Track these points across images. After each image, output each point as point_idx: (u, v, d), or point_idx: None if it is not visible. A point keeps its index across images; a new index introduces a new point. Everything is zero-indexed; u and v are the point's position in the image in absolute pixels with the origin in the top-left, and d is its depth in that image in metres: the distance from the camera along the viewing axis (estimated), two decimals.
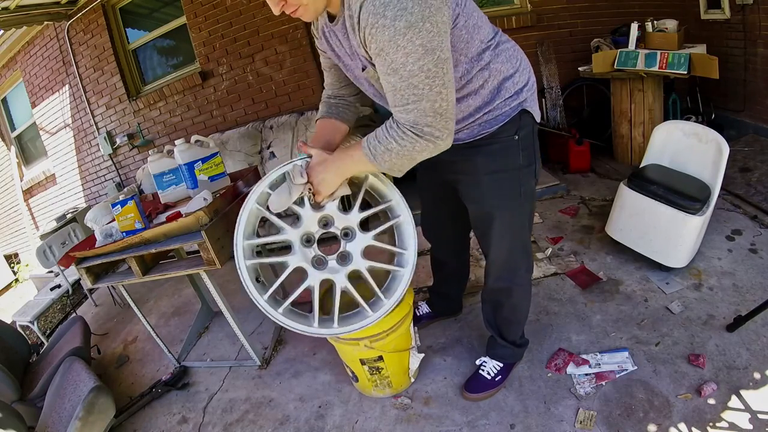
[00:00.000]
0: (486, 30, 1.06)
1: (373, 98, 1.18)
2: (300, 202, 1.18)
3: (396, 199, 1.24)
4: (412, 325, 1.61)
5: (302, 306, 1.34)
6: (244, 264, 1.22)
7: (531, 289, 1.51)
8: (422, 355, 1.69)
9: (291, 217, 1.24)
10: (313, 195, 1.15)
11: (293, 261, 1.24)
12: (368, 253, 1.27)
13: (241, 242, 1.21)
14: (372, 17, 0.83)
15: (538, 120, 1.21)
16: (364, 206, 1.25)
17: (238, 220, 1.21)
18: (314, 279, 1.24)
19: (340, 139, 1.29)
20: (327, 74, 1.29)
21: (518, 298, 1.46)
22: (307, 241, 1.24)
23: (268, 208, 1.20)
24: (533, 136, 1.21)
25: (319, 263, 1.25)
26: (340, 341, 1.52)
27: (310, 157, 1.15)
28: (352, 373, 1.66)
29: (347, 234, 1.25)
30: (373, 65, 0.95)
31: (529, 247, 1.40)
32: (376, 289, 1.27)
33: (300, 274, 1.26)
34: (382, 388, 1.65)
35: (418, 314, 1.93)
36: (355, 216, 1.23)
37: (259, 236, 1.29)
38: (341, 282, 1.25)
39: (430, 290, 1.95)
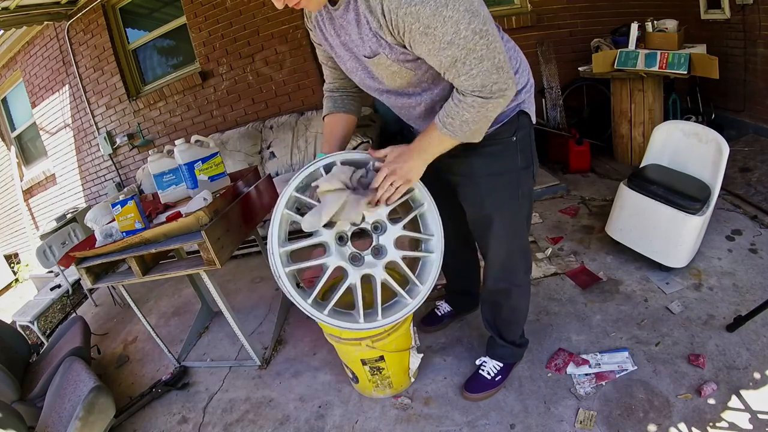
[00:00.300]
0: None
1: (368, 90, 1.15)
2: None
3: (418, 188, 1.24)
4: (411, 325, 1.62)
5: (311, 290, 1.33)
6: (284, 272, 1.17)
7: (530, 290, 1.51)
8: (422, 355, 1.69)
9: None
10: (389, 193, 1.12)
11: (332, 262, 1.21)
12: (399, 243, 1.27)
13: (276, 251, 1.16)
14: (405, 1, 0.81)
15: (535, 121, 1.22)
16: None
17: (270, 228, 1.16)
18: (354, 277, 1.22)
19: (348, 131, 1.28)
20: (325, 67, 1.27)
21: (517, 299, 1.46)
22: (340, 239, 1.22)
23: (298, 211, 1.18)
24: (530, 138, 1.22)
25: (355, 260, 1.24)
26: (342, 342, 1.52)
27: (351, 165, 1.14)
28: (353, 374, 1.66)
29: (377, 227, 1.25)
30: (391, 50, 0.93)
31: (527, 249, 1.41)
32: (412, 276, 1.27)
33: (336, 271, 1.24)
34: (382, 389, 1.65)
35: (439, 314, 1.92)
36: (383, 209, 1.22)
37: (289, 240, 1.25)
38: (380, 275, 1.23)
39: (446, 288, 1.95)
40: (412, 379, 1.70)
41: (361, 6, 0.90)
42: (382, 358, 1.52)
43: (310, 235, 1.19)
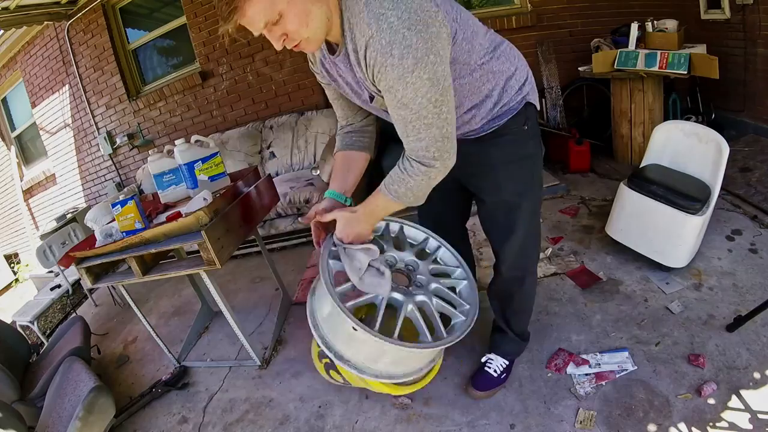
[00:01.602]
0: (482, 34, 1.08)
1: (385, 119, 1.18)
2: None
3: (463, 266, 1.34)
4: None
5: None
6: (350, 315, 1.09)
7: (537, 279, 1.56)
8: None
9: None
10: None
11: (385, 292, 1.17)
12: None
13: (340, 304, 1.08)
14: (380, 56, 0.85)
15: (538, 108, 1.27)
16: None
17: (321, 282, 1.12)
18: (409, 306, 1.19)
19: (360, 169, 1.30)
20: (336, 106, 1.28)
21: (529, 286, 1.49)
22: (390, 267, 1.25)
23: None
24: (538, 126, 1.29)
25: (407, 286, 1.25)
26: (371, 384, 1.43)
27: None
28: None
29: (412, 268, 1.30)
30: (382, 96, 0.98)
31: (539, 234, 1.44)
32: (441, 325, 1.22)
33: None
34: (335, 378, 1.64)
35: None
36: (405, 252, 1.31)
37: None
38: (408, 310, 1.19)
39: None
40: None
41: (351, 57, 0.95)
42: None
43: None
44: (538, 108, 1.27)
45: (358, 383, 1.49)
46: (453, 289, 1.31)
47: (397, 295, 1.17)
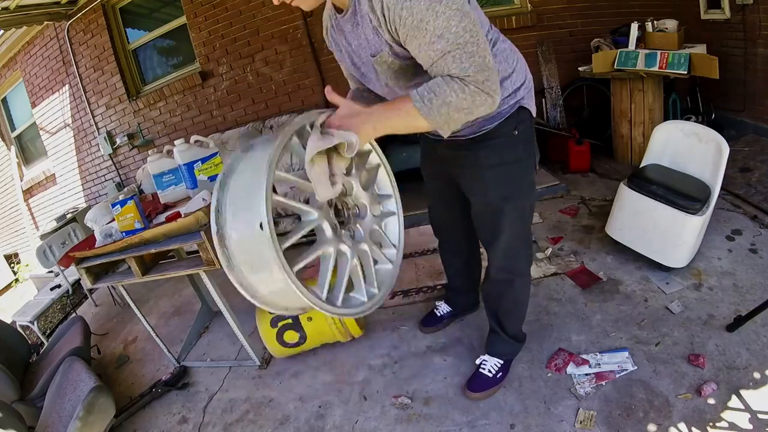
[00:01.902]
0: (485, 26, 1.08)
1: (382, 92, 1.16)
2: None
3: (396, 196, 1.19)
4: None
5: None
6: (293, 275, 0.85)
7: (530, 281, 1.54)
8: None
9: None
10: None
11: (332, 246, 1.00)
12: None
13: (277, 252, 0.82)
14: None
15: (535, 114, 1.27)
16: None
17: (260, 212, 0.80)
18: (353, 255, 1.04)
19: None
20: (351, 81, 1.27)
21: (519, 288, 1.48)
22: (337, 214, 1.07)
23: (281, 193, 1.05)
24: (531, 131, 1.28)
25: (348, 232, 1.07)
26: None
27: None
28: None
29: (357, 213, 1.11)
30: (391, 47, 0.95)
31: (529, 238, 1.44)
32: (372, 276, 1.11)
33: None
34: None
35: (438, 314, 1.93)
36: (365, 195, 1.10)
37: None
38: (353, 258, 1.04)
39: (447, 287, 1.96)
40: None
41: (364, 6, 0.93)
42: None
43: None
44: (534, 112, 1.26)
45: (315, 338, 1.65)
46: (379, 244, 1.15)
47: (345, 248, 1.00)
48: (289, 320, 1.78)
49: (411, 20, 0.86)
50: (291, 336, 1.81)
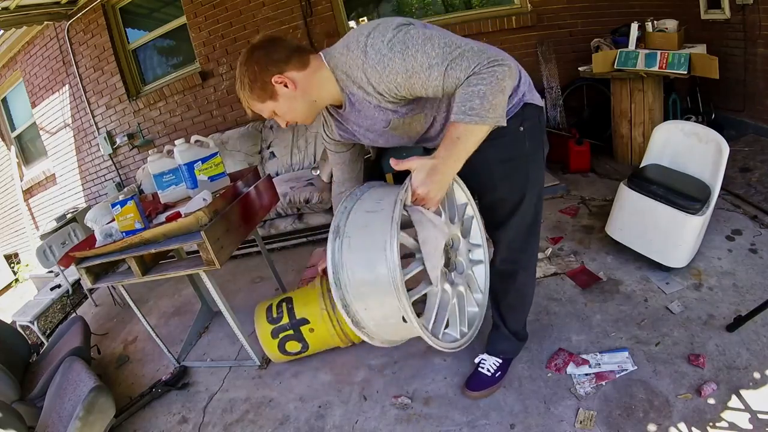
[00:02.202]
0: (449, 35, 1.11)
1: (410, 143, 1.29)
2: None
3: (485, 246, 1.31)
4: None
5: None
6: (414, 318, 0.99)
7: (535, 276, 1.54)
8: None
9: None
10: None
11: (439, 285, 1.11)
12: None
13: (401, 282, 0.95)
14: (378, 64, 0.98)
15: (541, 105, 1.29)
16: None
17: (389, 255, 0.93)
18: (453, 297, 1.19)
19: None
20: (336, 169, 1.44)
21: (522, 283, 1.48)
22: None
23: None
24: (538, 125, 1.29)
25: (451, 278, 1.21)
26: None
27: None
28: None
29: (452, 246, 1.26)
30: (396, 111, 1.09)
31: (536, 233, 1.44)
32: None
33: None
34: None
35: None
36: (463, 243, 1.24)
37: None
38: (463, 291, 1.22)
39: None
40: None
41: (357, 95, 1.08)
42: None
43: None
44: (540, 104, 1.28)
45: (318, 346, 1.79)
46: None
47: (447, 288, 1.12)
48: (291, 331, 1.78)
49: (402, 77, 0.98)
50: (293, 346, 1.81)
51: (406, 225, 1.02)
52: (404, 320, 0.95)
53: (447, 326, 1.20)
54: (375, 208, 1.03)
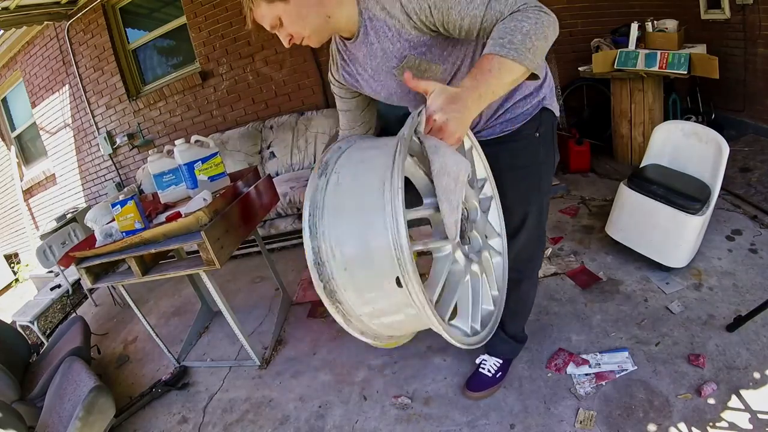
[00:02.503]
0: None
1: (397, 103, 1.17)
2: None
3: (504, 242, 1.04)
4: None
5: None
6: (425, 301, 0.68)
7: (537, 283, 1.53)
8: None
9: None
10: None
11: (454, 258, 0.84)
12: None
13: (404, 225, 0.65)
14: None
15: (558, 115, 1.25)
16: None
17: (392, 187, 0.65)
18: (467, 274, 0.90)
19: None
20: (343, 116, 1.30)
21: (526, 290, 1.48)
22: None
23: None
24: (552, 133, 1.25)
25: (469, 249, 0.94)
26: None
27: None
28: None
29: (469, 218, 0.97)
30: (415, 47, 0.96)
31: (543, 240, 1.43)
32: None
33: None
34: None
35: None
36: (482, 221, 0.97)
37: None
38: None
39: None
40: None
41: (378, 18, 0.95)
42: None
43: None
44: (557, 113, 1.25)
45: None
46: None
47: (460, 258, 0.85)
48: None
49: None
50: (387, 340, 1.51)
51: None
52: (398, 284, 0.67)
53: (454, 317, 0.91)
54: (377, 144, 0.83)
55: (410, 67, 1.00)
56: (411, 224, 0.71)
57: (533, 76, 0.87)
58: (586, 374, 1.55)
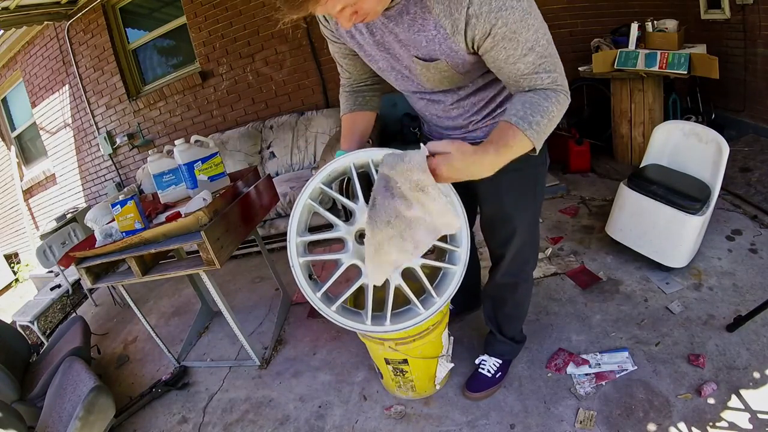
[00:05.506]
0: None
1: (397, 87, 1.14)
2: (352, 196, 1.11)
3: (452, 197, 1.14)
4: (446, 333, 1.57)
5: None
6: (297, 262, 1.16)
7: (533, 285, 1.54)
8: (452, 364, 1.61)
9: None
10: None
11: (347, 259, 1.15)
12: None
13: (294, 239, 1.15)
14: (495, 1, 0.81)
15: None
16: None
17: (291, 215, 1.14)
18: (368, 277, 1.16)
19: (369, 127, 1.25)
20: (345, 62, 1.20)
21: (522, 294, 1.48)
22: (361, 236, 1.13)
23: (320, 203, 1.15)
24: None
25: None
26: (367, 337, 1.49)
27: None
28: (378, 369, 1.65)
29: None
30: (451, 58, 0.93)
31: (537, 243, 1.43)
32: (429, 286, 1.21)
33: (351, 270, 1.18)
34: (405, 390, 1.62)
35: None
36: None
37: (311, 232, 1.20)
38: (395, 279, 1.17)
39: None
40: (438, 387, 1.64)
41: (435, 9, 0.87)
42: (405, 361, 1.50)
43: (330, 228, 1.16)
44: None
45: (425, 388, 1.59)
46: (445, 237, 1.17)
47: (361, 264, 1.14)
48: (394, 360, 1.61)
49: (504, 31, 0.84)
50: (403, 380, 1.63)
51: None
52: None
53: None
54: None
55: (435, 68, 0.97)
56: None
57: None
58: (586, 374, 1.55)
